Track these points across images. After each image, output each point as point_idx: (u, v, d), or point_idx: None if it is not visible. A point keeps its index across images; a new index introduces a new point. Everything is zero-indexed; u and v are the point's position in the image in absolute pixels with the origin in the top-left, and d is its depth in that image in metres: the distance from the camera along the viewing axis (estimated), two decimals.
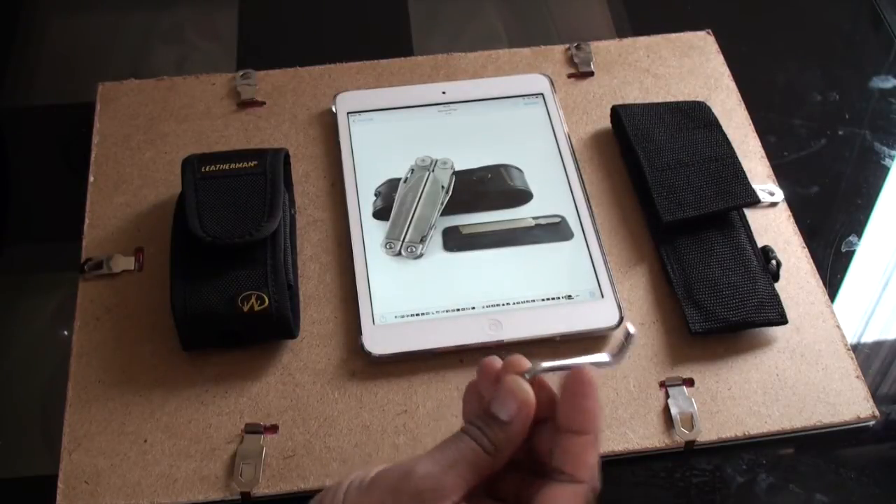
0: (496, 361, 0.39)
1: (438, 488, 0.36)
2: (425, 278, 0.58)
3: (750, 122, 0.68)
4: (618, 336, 0.36)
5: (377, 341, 0.55)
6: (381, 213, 0.61)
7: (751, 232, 0.60)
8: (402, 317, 0.56)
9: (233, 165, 0.58)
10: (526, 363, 0.38)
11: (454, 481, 0.36)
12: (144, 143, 0.65)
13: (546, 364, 0.38)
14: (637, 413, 0.54)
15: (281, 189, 0.58)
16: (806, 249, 0.62)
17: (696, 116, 0.64)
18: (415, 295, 0.57)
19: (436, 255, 0.59)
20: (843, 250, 0.64)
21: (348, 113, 0.66)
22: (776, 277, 0.58)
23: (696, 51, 0.72)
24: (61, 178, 0.66)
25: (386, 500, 0.36)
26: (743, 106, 0.69)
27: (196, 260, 0.55)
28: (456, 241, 0.60)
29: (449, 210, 0.61)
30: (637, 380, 0.55)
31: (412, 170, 0.63)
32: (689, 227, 0.60)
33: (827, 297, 0.59)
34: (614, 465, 0.53)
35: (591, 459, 0.37)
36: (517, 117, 0.67)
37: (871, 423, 0.55)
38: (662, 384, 0.55)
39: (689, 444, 0.53)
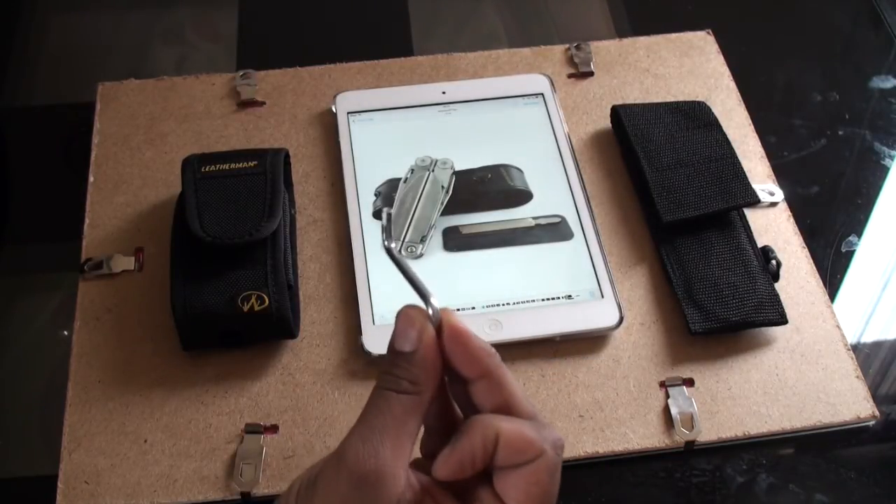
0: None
1: (380, 467, 0.33)
2: (425, 278, 0.58)
3: (750, 122, 0.68)
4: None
5: (377, 341, 0.55)
6: (381, 214, 0.61)
7: (751, 232, 0.60)
8: None
9: (233, 165, 0.58)
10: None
11: (393, 450, 0.33)
12: (144, 143, 0.65)
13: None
14: (637, 413, 0.54)
15: (281, 189, 0.58)
16: (806, 249, 0.62)
17: (696, 116, 0.64)
18: (415, 295, 0.57)
19: (436, 255, 0.59)
20: (843, 250, 0.64)
21: (348, 113, 0.66)
22: (776, 277, 0.58)
23: (696, 51, 0.72)
24: (61, 178, 0.66)
25: (332, 501, 0.33)
26: (743, 106, 0.69)
27: (196, 260, 0.55)
28: (456, 241, 0.60)
29: (449, 210, 0.61)
30: (637, 380, 0.55)
31: (412, 170, 0.63)
32: (689, 227, 0.60)
33: (827, 297, 0.59)
34: (614, 465, 0.53)
35: (530, 433, 0.34)
36: (517, 117, 0.67)
37: (871, 423, 0.55)
38: (662, 384, 0.55)
39: (689, 444, 0.53)
